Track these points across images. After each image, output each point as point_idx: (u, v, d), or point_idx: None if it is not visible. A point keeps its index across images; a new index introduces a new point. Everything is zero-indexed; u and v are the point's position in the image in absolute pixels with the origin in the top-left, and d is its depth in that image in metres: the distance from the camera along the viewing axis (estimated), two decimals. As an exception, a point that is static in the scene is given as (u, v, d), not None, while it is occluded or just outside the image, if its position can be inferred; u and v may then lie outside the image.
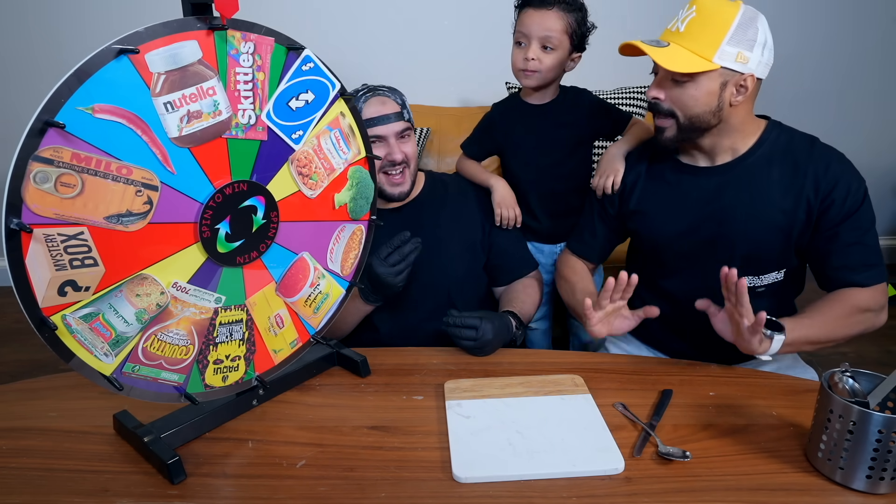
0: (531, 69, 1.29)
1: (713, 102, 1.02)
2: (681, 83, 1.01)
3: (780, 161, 1.07)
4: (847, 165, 1.05)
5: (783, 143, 1.08)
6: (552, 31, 1.27)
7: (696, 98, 1.02)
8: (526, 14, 1.28)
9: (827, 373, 0.78)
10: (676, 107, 1.04)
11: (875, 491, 0.71)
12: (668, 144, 1.09)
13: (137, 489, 0.75)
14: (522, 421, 0.86)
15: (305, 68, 0.87)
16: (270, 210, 0.86)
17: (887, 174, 2.76)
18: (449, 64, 2.57)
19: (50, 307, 0.67)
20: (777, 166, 1.07)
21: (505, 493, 0.73)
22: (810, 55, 2.61)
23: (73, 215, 0.67)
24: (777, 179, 1.06)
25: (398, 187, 1.25)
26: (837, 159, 1.05)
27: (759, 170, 1.07)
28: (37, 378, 1.00)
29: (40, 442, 0.84)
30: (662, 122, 1.07)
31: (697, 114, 1.03)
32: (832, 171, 1.03)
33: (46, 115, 0.63)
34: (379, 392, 0.97)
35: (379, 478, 0.76)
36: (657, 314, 1.04)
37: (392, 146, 1.22)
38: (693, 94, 1.02)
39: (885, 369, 0.77)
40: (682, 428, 0.85)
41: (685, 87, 1.02)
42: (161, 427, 0.82)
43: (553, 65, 1.29)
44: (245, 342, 0.88)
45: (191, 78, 0.73)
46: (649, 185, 1.18)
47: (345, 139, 0.95)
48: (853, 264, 1.04)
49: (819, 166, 1.04)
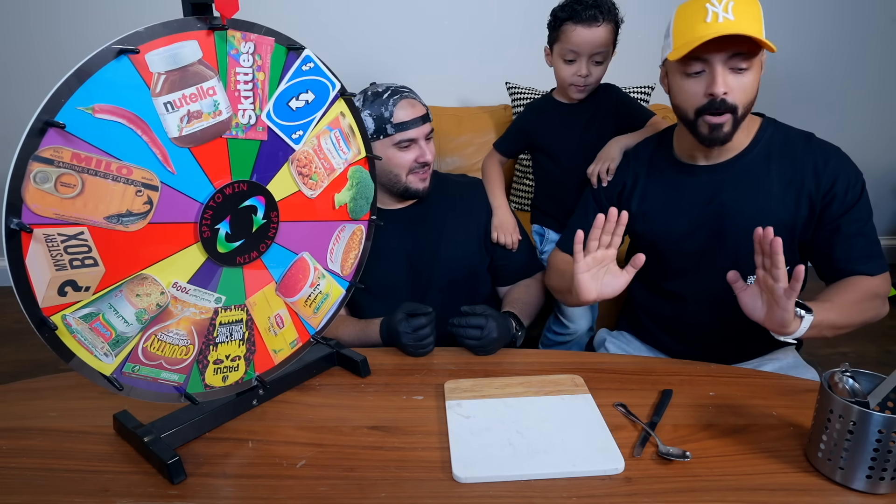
0: (583, 84, 1.35)
1: (758, 86, 1.01)
2: (740, 72, 0.98)
3: (778, 157, 1.07)
4: (845, 159, 1.05)
5: (780, 140, 1.08)
6: (602, 47, 1.30)
7: (754, 85, 1.00)
8: (574, 31, 1.29)
9: (827, 373, 0.78)
10: (738, 99, 0.99)
11: (875, 491, 0.71)
12: (726, 140, 1.03)
13: (137, 489, 0.75)
14: (522, 421, 0.86)
15: (305, 68, 0.87)
16: (270, 210, 0.86)
17: (887, 174, 2.76)
18: (449, 64, 2.57)
19: (50, 307, 0.67)
20: (776, 162, 1.07)
21: (505, 493, 0.73)
22: (809, 55, 2.61)
23: (73, 215, 0.67)
24: (776, 176, 1.06)
25: (425, 183, 1.27)
26: (835, 154, 1.06)
27: (759, 166, 1.07)
28: (37, 378, 1.00)
29: (40, 442, 0.84)
30: (718, 119, 1.01)
31: (752, 100, 1.02)
32: (831, 165, 1.04)
33: (46, 115, 0.63)
34: (379, 392, 0.97)
35: (379, 478, 0.76)
36: (643, 261, 0.97)
37: (423, 148, 1.23)
38: (752, 81, 0.99)
39: (885, 369, 0.77)
40: (682, 428, 0.85)
41: (744, 76, 0.99)
42: (161, 427, 0.82)
43: (602, 75, 1.36)
44: (245, 342, 0.88)
45: (191, 78, 0.73)
46: (650, 187, 1.17)
47: (345, 139, 0.95)
48: (857, 255, 1.04)
49: (818, 161, 1.04)
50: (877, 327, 2.40)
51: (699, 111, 1.02)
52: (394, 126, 1.19)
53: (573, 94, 1.40)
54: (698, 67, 0.99)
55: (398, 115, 1.19)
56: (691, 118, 1.04)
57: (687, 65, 1.00)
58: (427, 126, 1.23)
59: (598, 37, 1.29)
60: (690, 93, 1.02)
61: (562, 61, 1.35)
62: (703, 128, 1.03)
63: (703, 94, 1.00)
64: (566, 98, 1.45)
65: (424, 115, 1.22)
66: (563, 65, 1.35)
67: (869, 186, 1.06)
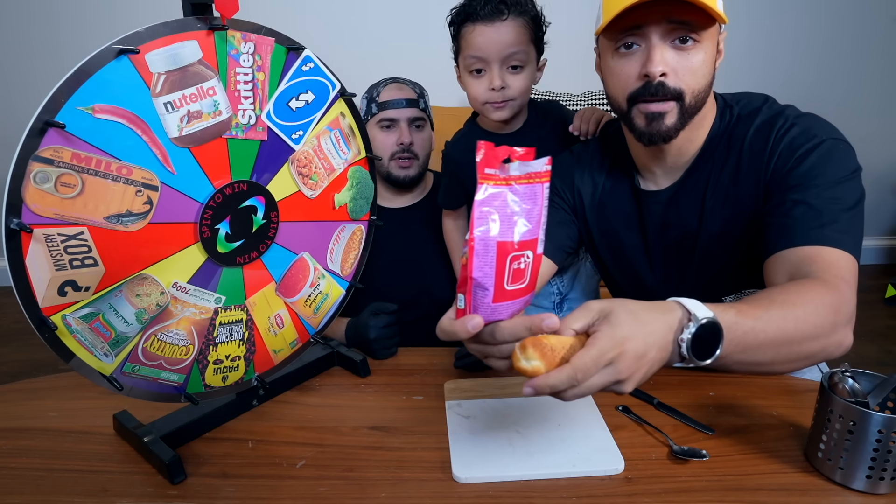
0: (501, 100, 1.04)
1: (711, 71, 0.84)
2: (684, 49, 0.81)
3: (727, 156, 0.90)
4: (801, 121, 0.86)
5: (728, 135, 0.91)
6: (515, 46, 1.01)
7: (704, 68, 0.82)
8: (474, 32, 1.01)
9: (827, 373, 0.78)
10: (684, 82, 0.82)
11: (875, 491, 0.71)
12: (668, 136, 0.85)
13: (137, 489, 0.75)
14: (522, 421, 0.86)
15: (305, 68, 0.87)
16: (270, 210, 0.86)
17: (887, 174, 2.76)
18: (449, 64, 2.57)
19: (50, 307, 0.67)
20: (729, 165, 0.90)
21: (505, 494, 0.73)
22: (810, 54, 2.61)
23: (73, 215, 0.67)
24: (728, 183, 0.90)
25: (405, 171, 1.26)
26: (782, 123, 0.86)
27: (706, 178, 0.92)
28: (37, 378, 1.00)
29: (40, 442, 0.84)
30: (660, 107, 0.83)
31: (704, 86, 0.84)
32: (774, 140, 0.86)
33: (46, 115, 0.63)
34: (379, 392, 0.97)
35: (379, 478, 0.76)
36: None
37: (403, 130, 1.23)
38: (702, 61, 0.82)
39: (885, 369, 0.77)
40: (682, 428, 0.85)
41: (690, 54, 0.81)
42: (161, 427, 0.82)
43: (525, 86, 1.05)
44: (245, 342, 0.88)
45: (191, 78, 0.73)
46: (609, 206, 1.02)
47: (345, 139, 0.95)
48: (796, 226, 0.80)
49: (758, 145, 0.87)
50: (877, 327, 2.41)
51: (632, 97, 0.84)
52: (378, 105, 1.23)
53: (492, 116, 1.07)
54: (629, 40, 0.82)
55: (383, 95, 1.24)
56: (624, 108, 0.87)
57: (617, 38, 0.83)
58: (411, 111, 1.24)
59: (506, 34, 1.00)
60: (622, 75, 0.84)
61: (469, 76, 1.06)
62: (639, 119, 0.85)
63: (636, 75, 0.82)
64: (492, 125, 1.12)
65: (411, 100, 1.24)
66: (472, 80, 1.06)
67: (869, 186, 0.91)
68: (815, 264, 0.75)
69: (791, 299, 0.70)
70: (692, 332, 0.62)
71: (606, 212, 1.03)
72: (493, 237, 0.52)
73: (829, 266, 0.75)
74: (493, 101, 1.05)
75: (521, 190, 0.53)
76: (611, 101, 0.90)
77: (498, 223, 0.52)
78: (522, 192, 0.53)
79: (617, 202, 1.02)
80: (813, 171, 0.82)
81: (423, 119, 1.28)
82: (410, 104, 1.24)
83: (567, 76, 1.27)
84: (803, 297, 0.70)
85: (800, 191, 0.81)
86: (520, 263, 0.54)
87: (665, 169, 0.95)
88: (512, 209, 0.53)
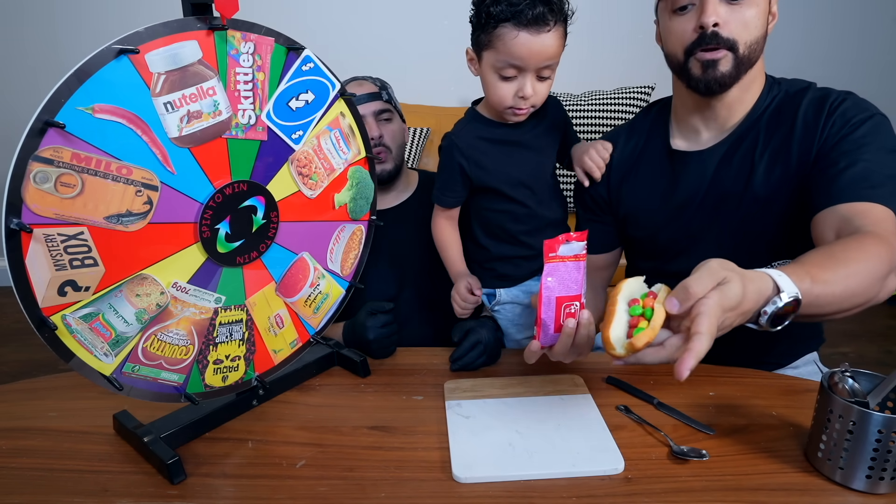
0: (526, 107, 1.00)
1: (764, 26, 0.91)
2: (737, 3, 0.88)
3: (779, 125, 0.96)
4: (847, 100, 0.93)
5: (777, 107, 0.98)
6: (553, 59, 0.96)
7: (757, 21, 0.90)
8: (516, 39, 0.92)
9: (827, 373, 0.78)
10: (736, 33, 0.89)
11: (875, 491, 0.71)
12: (723, 82, 0.92)
13: (137, 489, 0.75)
14: (522, 421, 0.86)
15: (305, 68, 0.87)
16: (270, 210, 0.86)
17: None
18: (449, 64, 2.57)
19: (50, 307, 0.67)
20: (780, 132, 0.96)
21: (505, 494, 0.73)
22: (812, 54, 2.61)
23: (73, 215, 0.67)
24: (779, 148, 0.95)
25: (380, 165, 1.26)
26: (835, 97, 0.93)
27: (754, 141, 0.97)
28: (37, 378, 1.00)
29: (40, 442, 0.84)
30: (715, 55, 0.90)
31: (757, 38, 0.91)
32: (829, 110, 0.92)
33: (46, 115, 0.63)
34: (379, 392, 0.97)
35: (379, 478, 0.76)
36: None
37: (370, 124, 1.24)
38: (754, 15, 0.89)
39: (885, 369, 0.77)
40: (682, 428, 0.85)
41: (742, 7, 0.89)
42: (161, 427, 0.82)
43: (547, 92, 1.01)
44: (245, 342, 0.88)
45: (191, 78, 0.73)
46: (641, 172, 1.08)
47: (345, 139, 0.95)
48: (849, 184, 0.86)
49: (812, 115, 0.93)
50: (877, 327, 2.41)
51: (689, 49, 0.92)
52: None
53: (511, 118, 1.03)
54: (685, 2, 0.91)
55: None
56: (682, 60, 0.94)
57: (674, 1, 0.92)
58: (375, 104, 1.25)
59: (549, 46, 0.93)
60: (678, 31, 0.92)
61: (496, 76, 0.97)
62: (696, 68, 0.92)
63: (692, 28, 0.91)
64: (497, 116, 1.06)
65: (373, 94, 1.25)
66: (499, 81, 0.97)
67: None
68: (867, 218, 0.82)
69: (852, 255, 0.76)
70: (779, 307, 0.68)
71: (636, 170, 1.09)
72: (554, 294, 0.77)
73: (880, 221, 0.81)
74: (518, 108, 1.00)
75: (571, 265, 0.77)
76: (669, 60, 0.98)
77: (556, 285, 0.77)
78: (572, 266, 0.77)
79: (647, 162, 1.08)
80: (865, 138, 0.89)
81: (390, 111, 1.28)
82: (373, 97, 1.24)
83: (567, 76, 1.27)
84: (864, 253, 0.76)
85: (852, 154, 0.88)
86: (570, 308, 0.79)
87: (711, 127, 1.01)
88: (564, 276, 0.77)
